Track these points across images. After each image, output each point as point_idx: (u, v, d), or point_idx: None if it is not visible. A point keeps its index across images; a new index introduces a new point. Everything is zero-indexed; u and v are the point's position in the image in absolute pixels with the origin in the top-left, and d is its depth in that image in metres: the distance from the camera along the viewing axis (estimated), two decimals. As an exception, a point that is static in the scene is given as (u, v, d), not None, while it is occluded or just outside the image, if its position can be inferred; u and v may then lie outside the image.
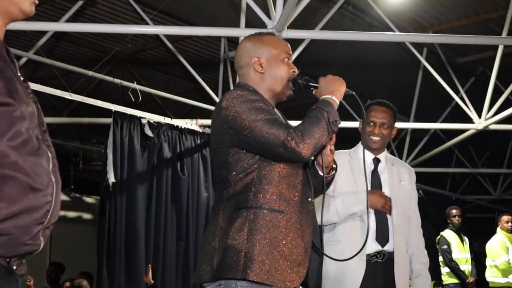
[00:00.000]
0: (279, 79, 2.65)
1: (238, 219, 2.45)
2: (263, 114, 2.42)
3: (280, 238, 2.44)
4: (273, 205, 2.46)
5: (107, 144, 6.27)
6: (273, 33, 2.86)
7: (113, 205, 6.15)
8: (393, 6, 7.32)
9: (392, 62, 8.70)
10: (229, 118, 2.47)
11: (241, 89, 2.57)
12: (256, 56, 2.66)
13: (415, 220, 3.88)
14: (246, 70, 2.70)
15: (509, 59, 8.50)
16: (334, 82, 2.59)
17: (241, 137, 2.45)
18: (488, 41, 6.72)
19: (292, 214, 2.50)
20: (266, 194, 2.47)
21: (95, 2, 6.97)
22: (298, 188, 2.54)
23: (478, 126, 7.85)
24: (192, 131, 7.13)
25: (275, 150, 2.41)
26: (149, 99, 9.45)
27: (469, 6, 7.48)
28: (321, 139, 2.42)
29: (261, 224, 2.43)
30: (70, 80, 7.79)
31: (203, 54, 8.76)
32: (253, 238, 2.41)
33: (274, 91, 2.66)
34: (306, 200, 2.58)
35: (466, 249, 8.47)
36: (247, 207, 2.46)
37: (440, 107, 10.00)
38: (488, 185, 13.43)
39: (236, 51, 2.80)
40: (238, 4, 6.64)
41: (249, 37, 2.78)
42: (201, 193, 7.02)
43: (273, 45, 2.70)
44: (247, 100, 2.47)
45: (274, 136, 2.37)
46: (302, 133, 2.36)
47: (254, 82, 2.66)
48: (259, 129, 2.40)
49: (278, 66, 2.66)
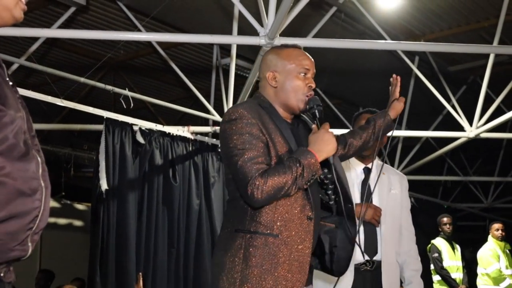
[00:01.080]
0: (292, 93, 2.70)
1: (235, 242, 2.54)
2: (248, 145, 2.50)
3: (275, 264, 2.50)
4: (270, 228, 2.52)
5: (99, 150, 6.24)
6: (296, 45, 2.84)
7: (106, 213, 6.12)
8: (385, 14, 7.35)
9: (384, 70, 8.65)
10: (222, 140, 2.60)
11: (241, 106, 2.61)
12: (271, 71, 2.74)
13: (406, 228, 3.90)
14: (264, 83, 2.79)
15: (500, 68, 8.56)
16: (325, 143, 2.59)
17: (227, 160, 2.59)
18: (479, 49, 6.74)
19: (289, 236, 2.53)
20: (263, 216, 2.53)
21: (87, 8, 6.97)
22: (296, 209, 2.57)
23: (469, 134, 7.87)
24: (184, 138, 7.11)
25: (239, 187, 2.52)
26: (141, 106, 9.44)
27: (460, 15, 7.52)
28: (281, 191, 2.46)
29: (257, 251, 2.50)
30: (61, 86, 7.77)
31: (195, 61, 8.76)
32: (247, 267, 2.49)
33: (287, 105, 2.73)
34: (305, 220, 2.60)
35: (457, 257, 8.48)
36: (244, 231, 2.54)
37: (431, 115, 10.03)
38: (480, 193, 13.47)
39: (260, 64, 2.87)
40: (230, 11, 6.65)
41: (271, 50, 2.87)
42: (192, 201, 6.99)
43: (290, 59, 2.74)
44: (241, 126, 2.54)
45: (243, 175, 2.46)
46: (266, 182, 2.42)
47: (269, 95, 2.74)
48: (236, 161, 2.49)
49: (291, 81, 2.71)
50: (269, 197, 2.44)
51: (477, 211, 14.02)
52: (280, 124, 2.66)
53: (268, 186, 2.41)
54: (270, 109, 2.69)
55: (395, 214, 3.78)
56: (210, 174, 7.24)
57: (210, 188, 7.18)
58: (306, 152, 2.53)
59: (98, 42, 7.89)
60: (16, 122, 1.60)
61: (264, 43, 5.22)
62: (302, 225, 2.57)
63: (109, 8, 7.13)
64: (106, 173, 6.14)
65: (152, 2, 6.78)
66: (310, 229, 2.60)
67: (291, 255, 2.52)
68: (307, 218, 2.59)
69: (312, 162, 2.51)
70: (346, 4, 7.05)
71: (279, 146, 2.59)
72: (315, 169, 2.52)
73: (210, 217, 7.11)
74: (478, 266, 8.19)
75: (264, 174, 2.44)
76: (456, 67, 9.16)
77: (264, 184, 2.41)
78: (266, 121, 2.61)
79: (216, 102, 8.38)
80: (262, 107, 2.68)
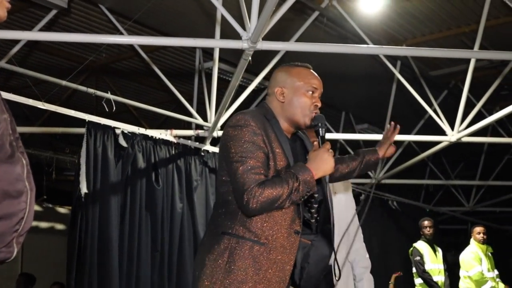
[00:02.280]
0: (299, 109, 2.80)
1: (221, 244, 2.61)
2: (250, 154, 2.59)
3: (258, 271, 2.57)
4: (257, 236, 2.60)
5: (80, 154, 6.21)
6: (307, 66, 2.95)
7: (85, 216, 6.08)
8: (367, 19, 7.38)
9: (366, 75, 8.77)
10: (225, 143, 2.68)
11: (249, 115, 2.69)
12: (279, 86, 2.85)
13: (353, 229, 4.08)
14: (272, 98, 2.88)
15: (481, 73, 8.64)
16: (324, 162, 2.67)
17: (228, 164, 2.65)
18: (461, 54, 6.80)
19: (275, 246, 2.61)
20: (253, 224, 2.61)
21: (69, 11, 6.93)
22: (286, 222, 2.65)
23: (451, 139, 7.93)
24: (167, 141, 7.10)
25: (236, 193, 2.59)
26: (123, 109, 9.41)
27: (442, 21, 7.57)
28: (275, 203, 2.54)
29: (241, 256, 2.57)
30: (43, 89, 7.72)
31: (178, 65, 8.75)
32: (231, 270, 2.55)
33: (292, 120, 2.82)
34: (292, 233, 2.68)
35: (439, 260, 8.52)
36: (231, 234, 2.61)
37: (413, 120, 10.09)
38: (461, 197, 13.55)
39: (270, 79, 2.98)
40: (213, 15, 6.65)
41: (282, 67, 2.97)
42: (175, 204, 6.98)
43: (299, 77, 2.85)
44: (246, 134, 2.62)
45: (242, 182, 2.54)
46: (262, 192, 2.50)
47: (276, 109, 2.84)
48: (237, 167, 2.57)
49: (299, 97, 2.82)
50: (263, 207, 2.53)
51: (459, 215, 14.12)
52: (280, 137, 2.74)
53: (264, 197, 2.50)
54: (273, 122, 2.78)
55: (340, 217, 3.89)
56: (193, 178, 7.23)
57: (193, 192, 7.18)
58: (304, 168, 2.61)
59: (80, 45, 7.85)
60: (1, 124, 1.59)
61: (247, 47, 5.23)
62: (289, 237, 2.65)
63: (91, 11, 7.09)
64: (87, 177, 6.11)
65: (134, 5, 6.76)
66: (296, 242, 2.69)
67: (274, 265, 2.60)
68: (295, 232, 2.68)
69: (309, 179, 2.59)
70: (329, 9, 7.07)
71: (278, 159, 2.67)
72: (311, 186, 2.60)
73: (193, 221, 7.10)
74: (460, 269, 8.23)
75: (262, 184, 2.52)
76: (438, 72, 9.22)
77: (260, 194, 2.49)
78: (269, 133, 2.70)
79: (198, 105, 8.37)
80: (267, 119, 2.77)
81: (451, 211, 14.04)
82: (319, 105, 2.85)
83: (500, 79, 8.15)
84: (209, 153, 7.56)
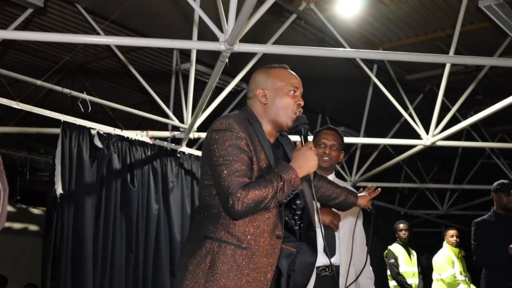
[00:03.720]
0: (282, 110, 2.81)
1: (203, 248, 2.60)
2: (234, 157, 2.58)
3: (240, 276, 2.56)
4: (240, 240, 2.59)
5: (55, 154, 6.16)
6: (284, 66, 2.95)
7: (60, 217, 6.03)
8: (345, 23, 7.42)
9: (343, 78, 8.81)
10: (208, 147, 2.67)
11: (232, 118, 2.68)
12: (261, 88, 2.84)
13: (360, 238, 4.10)
14: (253, 100, 2.87)
15: (456, 77, 8.72)
16: (307, 159, 2.67)
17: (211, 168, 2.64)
18: (436, 59, 6.85)
19: (257, 251, 2.61)
20: (235, 228, 2.60)
21: (45, 10, 6.87)
22: (269, 226, 2.65)
23: (426, 142, 7.99)
24: (143, 142, 7.07)
25: (221, 196, 2.59)
26: (99, 110, 9.35)
27: (418, 25, 7.64)
28: (261, 204, 2.54)
29: (224, 260, 2.56)
30: (18, 89, 7.65)
31: (155, 66, 8.72)
32: (213, 274, 2.55)
33: (275, 121, 2.83)
34: (274, 238, 2.67)
35: (413, 263, 8.59)
36: (214, 238, 2.60)
37: (389, 123, 10.16)
38: (436, 200, 13.69)
39: (249, 83, 2.96)
40: (190, 16, 6.64)
41: (260, 69, 2.95)
42: (151, 205, 6.95)
43: (279, 77, 2.85)
44: (230, 137, 2.61)
45: (227, 186, 2.54)
46: (247, 194, 2.50)
47: (258, 112, 2.83)
48: (221, 170, 2.57)
49: (281, 98, 2.82)
50: (249, 209, 2.52)
51: (433, 218, 14.24)
52: (263, 142, 2.74)
53: (249, 199, 2.49)
54: (256, 125, 2.77)
55: (351, 221, 3.97)
56: (169, 179, 7.21)
57: (169, 193, 7.15)
58: (288, 167, 2.61)
59: (56, 45, 7.78)
60: None
61: (224, 49, 5.23)
62: (271, 242, 2.65)
63: (67, 10, 7.04)
64: (62, 177, 6.06)
65: (111, 5, 6.72)
66: (277, 247, 2.68)
67: (256, 269, 2.60)
68: (277, 237, 2.67)
69: (293, 177, 2.59)
70: (306, 12, 7.09)
71: (262, 163, 2.67)
72: (296, 184, 2.60)
73: (168, 222, 7.08)
74: (433, 271, 8.29)
75: (246, 187, 2.51)
76: (414, 76, 9.30)
77: (245, 196, 2.49)
78: (252, 136, 2.69)
79: (175, 107, 8.34)
80: (250, 122, 2.76)
81: (425, 214, 14.15)
82: (302, 103, 2.87)
83: (474, 84, 8.25)
84: (185, 154, 7.55)
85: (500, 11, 6.52)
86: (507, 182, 6.01)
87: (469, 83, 8.31)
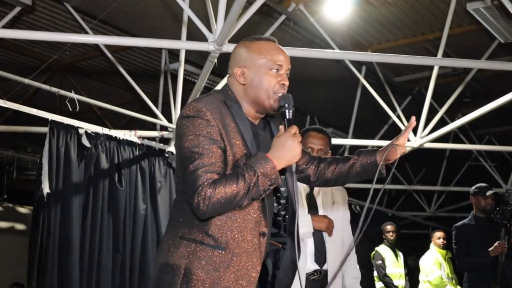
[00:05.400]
0: (262, 90, 2.45)
1: (178, 250, 2.34)
2: (202, 150, 2.27)
3: (218, 281, 2.30)
4: (217, 241, 2.32)
5: (43, 153, 6.12)
6: (270, 38, 2.56)
7: (47, 216, 6.00)
8: (333, 24, 7.44)
9: (332, 80, 8.83)
10: (177, 136, 2.38)
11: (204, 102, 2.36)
12: (239, 66, 2.49)
13: (347, 239, 4.06)
14: (232, 79, 2.54)
15: (443, 80, 8.78)
16: (287, 149, 2.31)
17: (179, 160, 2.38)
18: (424, 61, 6.88)
19: (237, 252, 2.34)
20: (212, 227, 2.32)
21: (33, 9, 6.84)
22: (250, 223, 2.38)
23: (413, 144, 8.02)
24: (131, 142, 7.04)
25: (187, 193, 2.30)
26: (87, 109, 9.31)
27: (407, 27, 7.67)
28: (231, 203, 2.23)
29: (200, 264, 2.30)
30: (5, 87, 7.60)
31: (143, 65, 8.70)
32: (189, 279, 2.30)
33: (256, 103, 2.48)
34: (257, 236, 2.40)
35: (400, 265, 8.62)
36: (189, 239, 2.34)
37: (377, 125, 10.19)
38: (423, 202, 13.75)
39: None
40: (179, 16, 6.63)
41: (241, 42, 2.58)
42: (138, 205, 6.93)
43: (260, 52, 2.48)
44: (199, 126, 2.31)
45: (193, 182, 2.24)
46: (214, 193, 2.20)
47: (238, 92, 2.49)
48: (187, 164, 2.28)
49: (261, 77, 2.45)
50: (216, 209, 2.23)
51: (420, 220, 14.31)
52: (242, 125, 2.41)
53: (216, 198, 2.19)
54: (235, 108, 2.43)
55: (338, 225, 3.94)
56: (157, 179, 7.18)
57: (157, 193, 7.13)
58: (263, 159, 2.26)
59: (44, 43, 7.75)
60: None
61: (213, 49, 5.23)
62: (253, 241, 2.38)
63: (55, 9, 7.01)
64: (50, 176, 6.02)
65: (100, 4, 6.70)
66: (262, 246, 2.41)
67: (237, 272, 2.33)
68: (260, 234, 2.40)
69: (269, 170, 2.24)
70: (295, 13, 7.11)
71: (237, 150, 2.35)
72: (273, 179, 2.26)
73: (156, 222, 7.06)
74: (420, 273, 8.32)
75: (214, 184, 2.20)
76: (402, 78, 9.34)
77: (211, 195, 2.18)
78: (227, 121, 2.36)
79: (164, 106, 8.33)
80: (227, 105, 2.42)
81: (413, 216, 14.21)
82: (286, 83, 2.50)
83: (462, 87, 8.30)
84: (174, 154, 7.52)
85: (488, 14, 6.56)
86: (484, 185, 6.08)
87: (457, 86, 8.36)
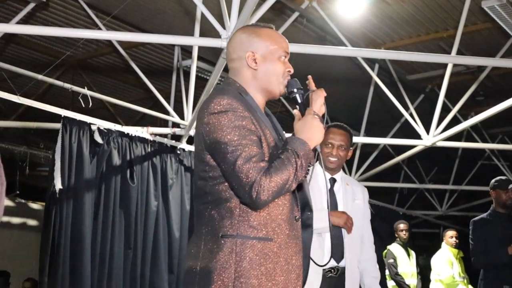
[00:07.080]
0: (274, 77, 2.45)
1: (223, 251, 2.23)
2: (245, 141, 2.21)
3: (274, 271, 2.24)
4: (263, 232, 2.26)
5: (55, 149, 6.14)
6: (271, 26, 2.56)
7: (59, 212, 6.02)
8: (347, 22, 7.41)
9: (344, 77, 8.81)
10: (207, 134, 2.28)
11: (228, 96, 2.29)
12: (250, 50, 2.44)
13: (368, 237, 4.06)
14: (238, 64, 2.48)
15: (457, 78, 8.72)
16: (315, 130, 2.33)
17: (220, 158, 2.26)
18: (438, 59, 6.84)
19: (283, 240, 2.29)
20: (254, 219, 2.26)
21: (47, 5, 6.86)
22: (287, 209, 2.33)
23: (426, 143, 7.98)
24: (143, 139, 7.05)
25: (239, 188, 2.21)
26: (100, 106, 9.35)
27: (420, 25, 7.63)
28: (284, 187, 2.21)
29: (252, 259, 2.21)
30: (18, 83, 7.62)
31: (156, 62, 8.71)
32: (242, 278, 2.19)
33: (266, 89, 2.47)
34: (293, 221, 2.35)
35: (412, 263, 8.59)
36: (232, 236, 2.24)
37: (390, 123, 10.15)
38: (435, 201, 13.69)
39: (229, 42, 2.56)
40: (193, 12, 6.63)
41: (245, 28, 2.55)
42: (150, 202, 6.94)
43: (271, 40, 2.48)
44: (234, 119, 2.24)
45: (244, 175, 2.17)
46: (271, 181, 2.16)
47: (245, 78, 2.45)
48: (234, 159, 2.19)
49: (273, 63, 2.45)
50: (274, 197, 2.20)
51: (432, 219, 14.23)
52: (262, 115, 2.40)
53: (274, 185, 2.16)
54: (248, 98, 2.40)
55: (358, 223, 3.90)
56: (169, 176, 7.19)
57: (168, 190, 7.14)
58: (300, 141, 2.28)
59: (58, 40, 7.78)
60: None
61: (226, 46, 5.22)
62: (292, 226, 2.34)
63: (69, 5, 7.03)
64: (62, 172, 6.04)
65: (113, 1, 6.72)
66: (299, 230, 2.38)
67: (288, 260, 2.29)
68: (295, 219, 2.37)
69: (307, 152, 2.26)
70: (309, 10, 7.08)
71: (269, 140, 2.33)
72: (311, 158, 2.29)
73: (167, 219, 7.06)
74: (431, 272, 8.30)
75: (267, 173, 2.17)
76: (415, 76, 9.29)
77: (270, 183, 2.15)
78: (252, 112, 2.32)
79: (176, 103, 8.34)
80: (242, 96, 2.39)
81: (424, 215, 14.14)
82: (292, 71, 2.50)
83: (476, 85, 8.24)
84: (185, 151, 7.53)
85: (503, 12, 6.52)
86: (504, 178, 5.86)
87: (470, 84, 8.31)
